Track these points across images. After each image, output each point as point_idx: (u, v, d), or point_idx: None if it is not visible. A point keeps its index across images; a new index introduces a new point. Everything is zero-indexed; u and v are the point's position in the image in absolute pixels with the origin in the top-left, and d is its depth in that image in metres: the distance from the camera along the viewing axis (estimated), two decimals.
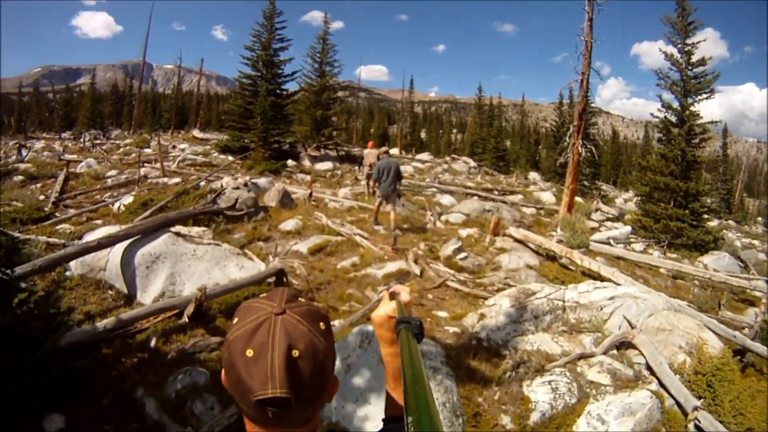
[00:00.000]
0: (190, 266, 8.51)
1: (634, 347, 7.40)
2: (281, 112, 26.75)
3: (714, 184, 48.01)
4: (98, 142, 33.97)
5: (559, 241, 15.21)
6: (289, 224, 13.33)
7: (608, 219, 23.72)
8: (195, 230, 9.82)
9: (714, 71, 21.42)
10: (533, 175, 39.62)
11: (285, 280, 8.74)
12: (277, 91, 27.36)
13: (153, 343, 6.70)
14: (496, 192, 25.19)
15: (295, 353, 1.00)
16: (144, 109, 62.06)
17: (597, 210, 24.09)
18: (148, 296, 8.00)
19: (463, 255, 12.07)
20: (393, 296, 1.47)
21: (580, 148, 19.64)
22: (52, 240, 10.23)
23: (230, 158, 25.68)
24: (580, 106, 19.68)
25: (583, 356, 7.15)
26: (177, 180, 18.37)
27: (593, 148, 21.02)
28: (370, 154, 19.52)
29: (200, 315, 7.23)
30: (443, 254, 12.11)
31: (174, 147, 30.60)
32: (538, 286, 9.08)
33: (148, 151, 28.00)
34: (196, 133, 40.96)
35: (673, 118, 22.29)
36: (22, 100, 73.31)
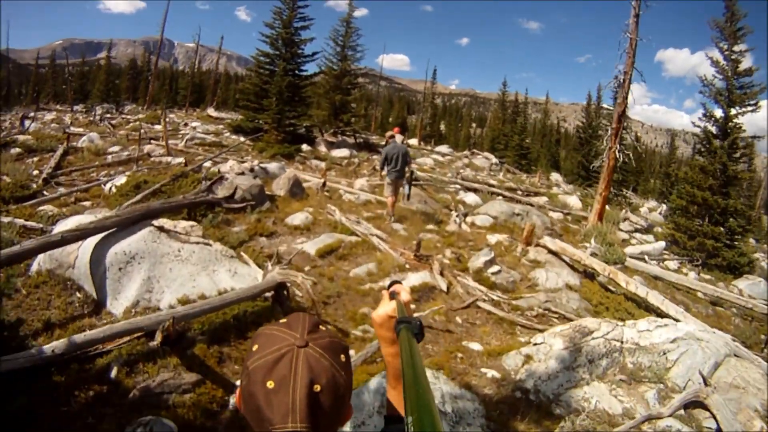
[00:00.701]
0: (172, 270, 6.97)
1: (704, 407, 5.95)
2: (299, 94, 25.06)
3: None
4: (109, 116, 32.41)
5: (593, 254, 13.78)
6: (297, 218, 11.82)
7: (637, 230, 22.05)
8: (182, 225, 8.22)
9: (761, 83, 19.78)
10: (555, 176, 37.82)
11: (286, 293, 7.19)
12: (296, 72, 25.64)
13: (114, 373, 5.21)
14: (519, 192, 23.51)
15: (317, 388, 0.98)
16: (161, 85, 61.05)
17: (625, 219, 22.37)
18: (119, 304, 6.49)
19: (495, 269, 10.49)
20: (393, 296, 1.45)
21: (617, 152, 18.23)
22: (29, 223, 8.93)
23: (242, 139, 24.17)
24: (620, 108, 18.19)
25: (649, 418, 5.71)
26: (181, 160, 16.81)
27: (630, 154, 19.26)
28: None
29: (175, 339, 5.66)
30: (473, 266, 10.52)
31: (186, 125, 29.13)
32: (594, 322, 7.50)
33: (158, 127, 26.39)
34: (211, 111, 39.26)
35: (714, 129, 20.70)
36: (39, 71, 71.91)
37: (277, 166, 16.67)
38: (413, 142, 43.20)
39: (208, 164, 16.13)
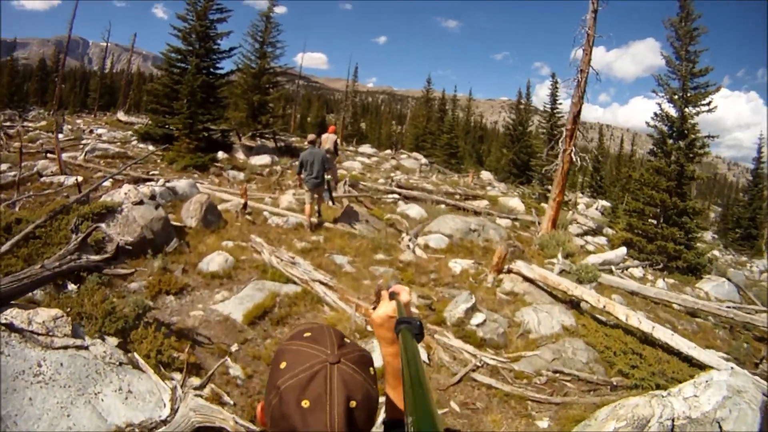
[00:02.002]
0: (34, 400, 3.98)
1: None
2: (214, 95, 21.92)
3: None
4: (8, 124, 27.86)
5: (562, 272, 11.89)
6: (214, 261, 8.98)
7: (586, 232, 20.34)
8: (42, 316, 4.88)
9: (715, 82, 18.61)
10: (486, 175, 35.91)
11: None
12: (211, 70, 22.43)
13: None
14: (458, 196, 21.33)
15: (353, 404, 0.97)
16: (71, 87, 56.30)
17: (573, 222, 20.58)
18: None
19: (479, 318, 8.11)
20: (392, 296, 1.43)
21: (573, 155, 16.47)
22: None
23: (151, 148, 20.81)
24: (575, 107, 16.51)
25: None
26: (76, 179, 13.55)
27: (586, 157, 17.45)
28: (328, 139, 17.05)
29: None
30: (451, 316, 8.06)
31: (91, 132, 25.61)
32: (643, 404, 5.37)
33: (61, 136, 22.74)
34: (121, 115, 35.15)
35: (665, 128, 19.34)
36: None
37: (188, 184, 13.65)
38: None
39: (107, 183, 13.27)
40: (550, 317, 8.74)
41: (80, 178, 13.34)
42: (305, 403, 0.95)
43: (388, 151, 42.35)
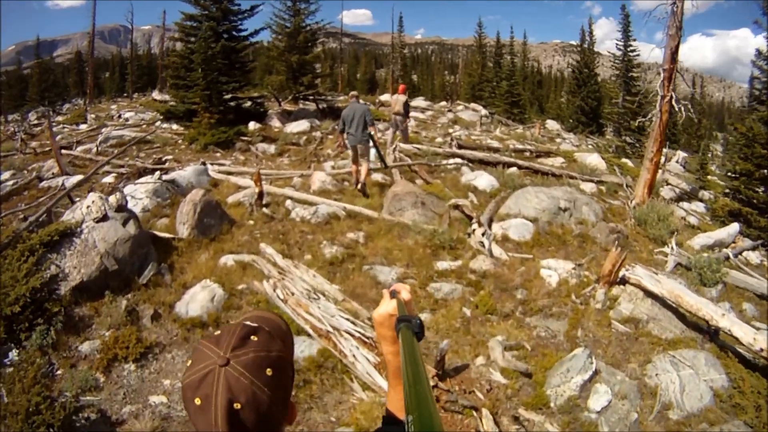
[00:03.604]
0: None
1: None
2: (238, 60, 18.76)
3: None
4: (35, 122, 25.59)
5: (677, 265, 9.08)
6: (196, 299, 6.05)
7: (681, 197, 16.34)
8: None
9: None
10: (552, 124, 31.62)
11: None
12: (233, 33, 19.17)
13: None
14: (528, 153, 17.61)
15: (237, 406, 0.96)
16: (111, 74, 53.99)
17: (664, 183, 16.59)
18: None
19: (601, 397, 4.98)
20: (393, 294, 1.37)
21: (674, 103, 12.66)
22: None
23: (175, 127, 18.06)
24: (673, 42, 12.43)
25: None
26: (77, 178, 11.00)
27: (688, 105, 13.45)
28: (397, 101, 15.36)
29: None
30: (556, 394, 5.11)
31: (119, 117, 23.20)
32: None
33: (83, 127, 20.33)
34: (156, 95, 32.53)
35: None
36: None
37: (195, 172, 10.65)
38: (386, 97, 36.65)
39: (110, 179, 11.08)
40: (696, 376, 5.75)
41: (75, 179, 10.69)
42: (197, 401, 0.96)
43: (444, 103, 38.37)
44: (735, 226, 12.50)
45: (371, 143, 10.61)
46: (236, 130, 15.42)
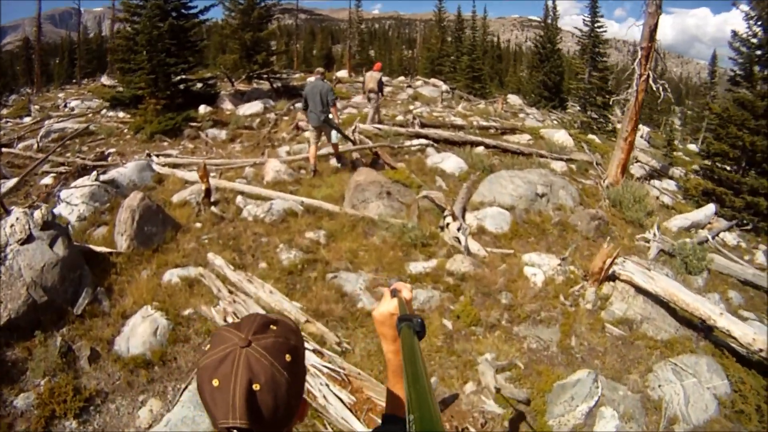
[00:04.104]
0: None
1: None
2: (187, 39, 17.33)
3: None
4: None
5: (660, 252, 8.77)
6: (137, 333, 5.10)
7: (652, 174, 15.86)
8: None
9: None
10: (514, 99, 30.62)
11: None
12: (182, 11, 17.68)
13: None
14: (493, 131, 16.80)
15: (256, 387, 0.96)
16: (60, 60, 50.96)
17: (635, 160, 16.04)
18: None
19: (609, 425, 4.12)
20: (394, 293, 1.38)
21: (651, 82, 11.99)
22: None
23: (121, 115, 16.50)
24: (652, 20, 11.69)
25: None
26: (15, 182, 9.79)
27: (665, 85, 12.84)
28: (371, 78, 14.46)
29: None
30: (559, 425, 4.46)
31: (65, 106, 21.07)
32: None
33: (27, 120, 18.25)
34: (105, 80, 30.14)
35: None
36: None
37: (137, 168, 9.49)
38: (343, 74, 35.33)
39: (48, 180, 9.90)
40: (699, 385, 5.32)
41: (11, 183, 9.52)
42: (215, 382, 0.96)
43: (402, 78, 36.94)
44: (711, 207, 12.18)
45: (331, 126, 10.06)
46: (185, 115, 14.13)
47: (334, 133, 10.27)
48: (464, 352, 5.13)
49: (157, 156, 11.51)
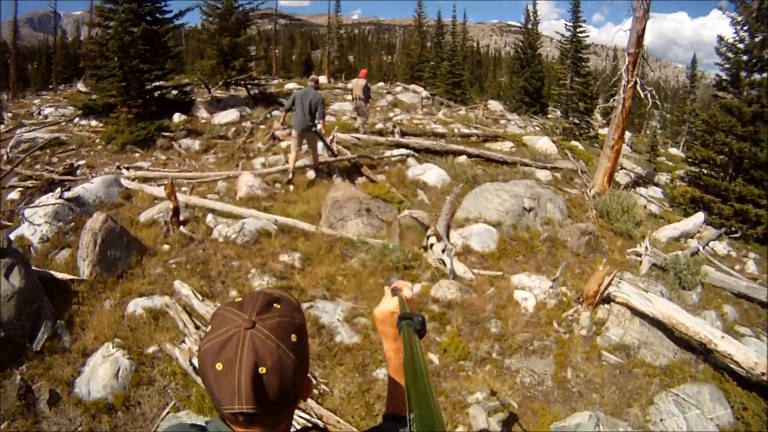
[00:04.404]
0: None
1: None
2: (161, 44, 16.69)
3: None
4: None
5: (653, 266, 8.46)
6: (97, 375, 4.57)
7: (637, 182, 15.63)
8: None
9: None
10: (494, 105, 30.36)
11: None
12: (156, 15, 17.00)
13: None
14: (474, 138, 16.40)
15: (262, 370, 0.92)
16: (38, 65, 49.64)
17: (620, 167, 15.73)
18: None
19: None
20: (395, 292, 1.36)
21: (639, 89, 11.88)
22: None
23: (94, 124, 15.76)
24: (640, 25, 11.46)
25: None
26: None
27: (653, 91, 12.62)
28: (357, 85, 14.43)
29: None
30: None
31: (38, 113, 20.32)
32: None
33: (1, 127, 17.42)
34: (81, 86, 29.16)
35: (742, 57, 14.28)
36: None
37: (103, 184, 8.90)
38: (323, 80, 34.68)
39: (15, 195, 9.34)
40: (702, 417, 5.00)
41: None
42: (219, 366, 0.92)
43: (381, 84, 36.81)
44: (700, 216, 11.96)
45: (317, 135, 9.94)
46: (158, 125, 13.48)
47: (320, 144, 10.16)
48: (453, 391, 4.69)
49: (127, 169, 10.95)
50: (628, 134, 27.37)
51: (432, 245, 6.98)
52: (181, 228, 7.41)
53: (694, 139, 19.43)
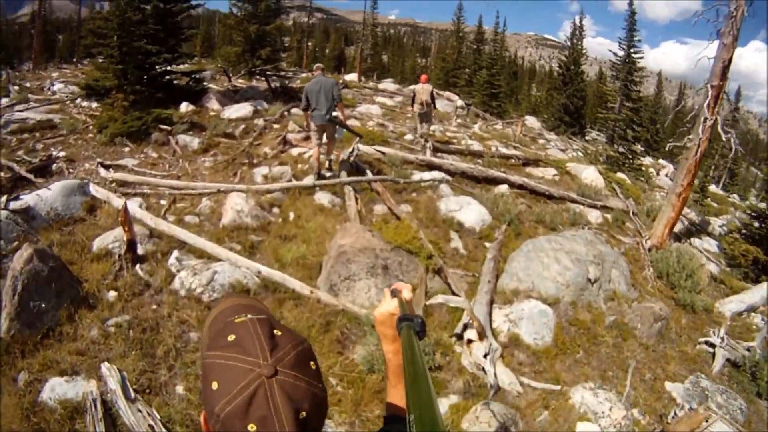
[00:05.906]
0: None
1: None
2: (174, 24, 14.93)
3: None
4: None
5: (727, 361, 6.69)
6: None
7: (690, 230, 13.39)
8: None
9: None
10: (532, 121, 28.18)
11: None
12: None
13: None
14: (513, 160, 14.31)
15: (303, 415, 0.80)
16: (68, 36, 47.66)
17: None
18: None
19: None
20: (394, 293, 1.31)
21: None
22: None
23: (95, 105, 14.05)
24: (727, 53, 9.56)
25: None
26: None
27: (733, 135, 10.73)
28: (422, 90, 13.40)
29: None
30: None
31: (48, 88, 18.59)
32: None
33: (5, 101, 15.31)
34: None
35: None
36: None
37: (63, 191, 6.96)
38: (352, 77, 32.58)
39: None
40: None
41: None
42: (252, 428, 0.77)
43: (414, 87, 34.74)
44: (764, 288, 9.74)
45: (338, 124, 9.25)
46: (156, 115, 11.52)
47: (339, 133, 9.67)
48: None
49: (107, 168, 9.15)
50: (670, 167, 25.13)
51: (470, 341, 4.99)
52: (137, 267, 5.54)
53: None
